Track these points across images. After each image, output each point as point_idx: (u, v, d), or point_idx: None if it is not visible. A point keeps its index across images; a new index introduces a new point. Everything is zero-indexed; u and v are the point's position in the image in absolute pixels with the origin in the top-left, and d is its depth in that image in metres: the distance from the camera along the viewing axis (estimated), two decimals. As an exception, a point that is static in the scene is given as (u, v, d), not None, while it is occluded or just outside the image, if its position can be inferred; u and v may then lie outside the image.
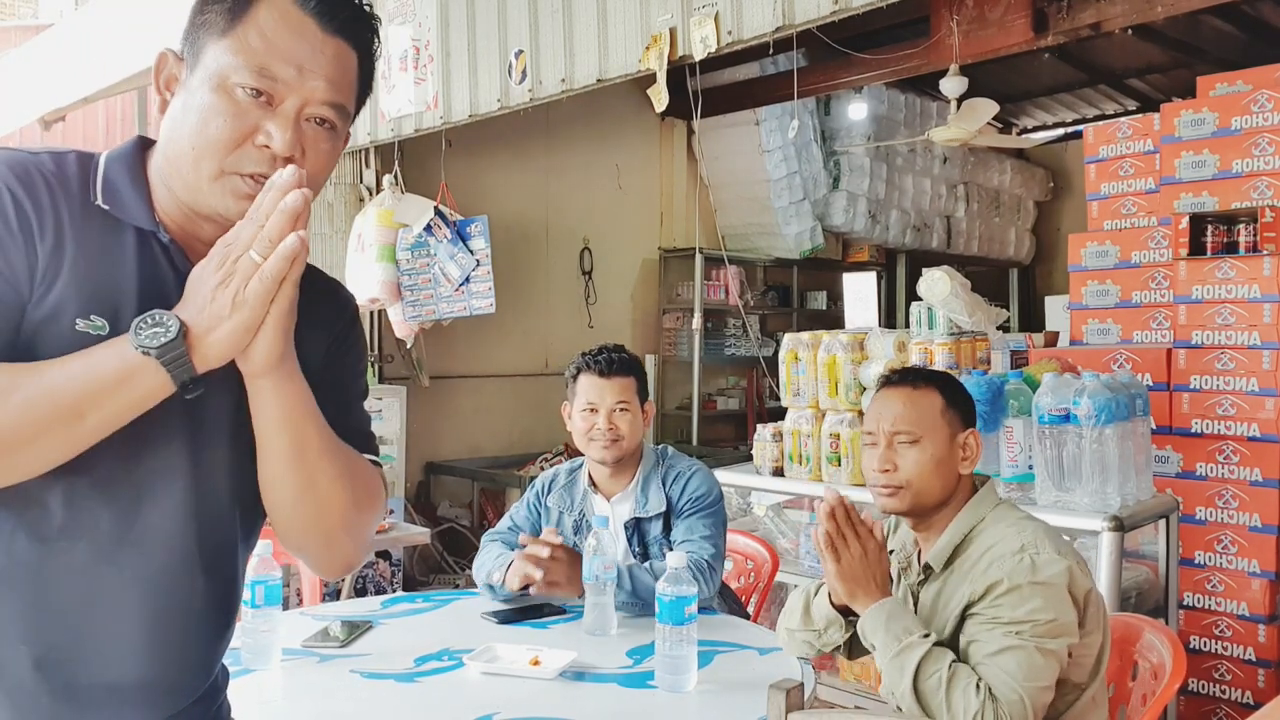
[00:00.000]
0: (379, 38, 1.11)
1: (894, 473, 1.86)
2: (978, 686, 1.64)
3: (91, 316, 0.98)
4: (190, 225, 1.06)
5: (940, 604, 1.85)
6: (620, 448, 2.44)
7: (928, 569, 1.87)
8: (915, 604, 1.90)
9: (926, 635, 1.74)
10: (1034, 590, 1.68)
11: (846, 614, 1.96)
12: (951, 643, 1.77)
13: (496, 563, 2.37)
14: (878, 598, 1.80)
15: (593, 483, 2.53)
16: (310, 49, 1.02)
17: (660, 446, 2.59)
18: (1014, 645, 1.65)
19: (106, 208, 1.03)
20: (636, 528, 2.46)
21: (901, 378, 1.95)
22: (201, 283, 0.95)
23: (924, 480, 1.85)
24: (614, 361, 2.47)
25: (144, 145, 1.09)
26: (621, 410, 2.44)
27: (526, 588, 2.26)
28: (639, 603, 2.24)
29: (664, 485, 2.47)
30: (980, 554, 1.80)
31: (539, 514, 2.57)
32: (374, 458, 1.19)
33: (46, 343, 0.97)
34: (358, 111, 1.12)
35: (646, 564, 2.35)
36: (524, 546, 2.30)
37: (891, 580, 1.95)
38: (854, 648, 2.05)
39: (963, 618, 1.75)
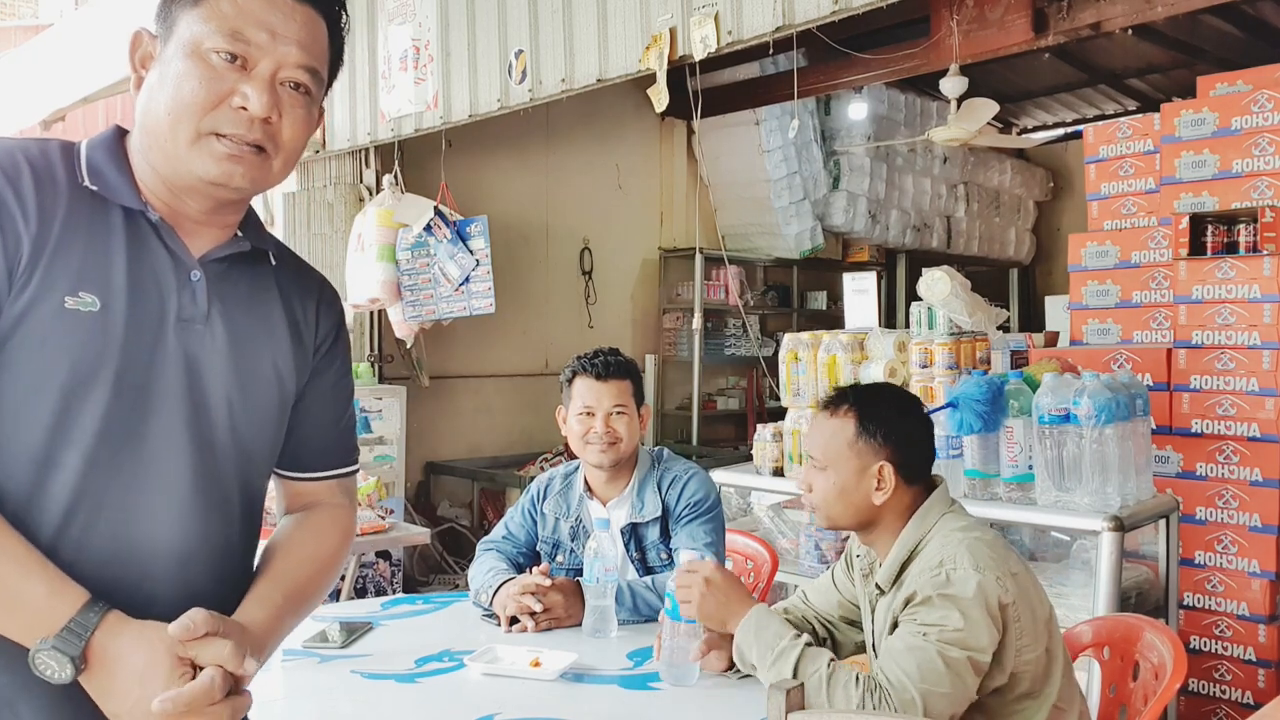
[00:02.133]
0: (346, 13, 1.15)
1: (809, 494, 1.89)
2: (857, 679, 1.64)
3: (80, 294, 1.00)
4: (175, 203, 1.08)
5: (885, 618, 1.84)
6: (618, 451, 2.41)
7: (879, 588, 1.87)
8: (873, 616, 1.90)
9: (798, 636, 1.75)
10: (945, 601, 1.68)
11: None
12: None
13: (488, 579, 2.32)
14: (746, 610, 1.80)
15: (588, 488, 2.50)
16: (281, 15, 1.06)
17: (656, 449, 2.57)
18: (917, 645, 1.66)
19: (94, 188, 1.05)
20: (633, 533, 2.43)
21: (828, 400, 1.92)
22: (141, 686, 0.97)
23: (829, 506, 1.86)
24: (610, 365, 2.45)
25: (122, 133, 1.11)
26: (619, 413, 2.41)
27: (515, 620, 2.21)
28: (641, 618, 2.24)
29: (660, 490, 2.44)
30: (918, 572, 1.79)
31: (534, 520, 2.54)
32: (353, 468, 1.29)
33: (39, 321, 0.99)
34: (329, 86, 1.14)
35: (649, 578, 2.33)
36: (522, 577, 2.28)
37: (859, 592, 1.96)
38: (838, 648, 2.05)
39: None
